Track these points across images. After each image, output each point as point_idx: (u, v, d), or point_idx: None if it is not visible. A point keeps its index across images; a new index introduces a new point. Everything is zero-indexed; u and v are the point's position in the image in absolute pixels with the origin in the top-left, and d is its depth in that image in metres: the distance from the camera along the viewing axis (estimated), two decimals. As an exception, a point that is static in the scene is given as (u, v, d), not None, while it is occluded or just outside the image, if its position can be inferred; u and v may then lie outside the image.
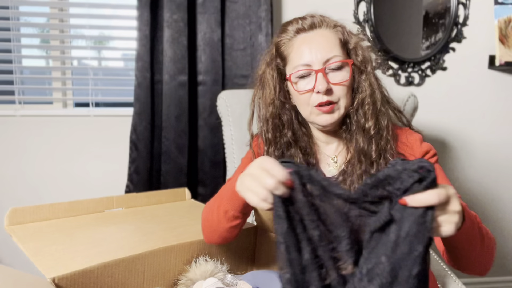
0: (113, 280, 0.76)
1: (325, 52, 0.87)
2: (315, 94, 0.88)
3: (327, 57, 0.87)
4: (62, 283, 0.69)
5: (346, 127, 0.95)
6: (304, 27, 0.91)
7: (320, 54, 0.87)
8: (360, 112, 0.91)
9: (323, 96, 0.87)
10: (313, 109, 0.90)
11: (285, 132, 0.95)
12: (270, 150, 0.95)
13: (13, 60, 1.71)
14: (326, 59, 0.87)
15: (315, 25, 0.91)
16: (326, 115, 0.89)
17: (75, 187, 1.74)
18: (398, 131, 0.97)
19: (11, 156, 1.70)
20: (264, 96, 0.97)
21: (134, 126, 1.59)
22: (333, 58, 0.88)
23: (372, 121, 0.90)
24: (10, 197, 1.71)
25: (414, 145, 0.93)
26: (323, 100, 0.87)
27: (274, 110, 0.95)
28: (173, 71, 1.57)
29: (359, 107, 0.92)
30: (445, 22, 1.80)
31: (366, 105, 0.91)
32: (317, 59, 0.87)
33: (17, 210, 0.94)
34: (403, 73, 1.82)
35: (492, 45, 1.82)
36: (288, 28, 0.93)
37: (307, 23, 0.91)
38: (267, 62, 0.98)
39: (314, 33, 0.90)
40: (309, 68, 0.88)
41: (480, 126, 1.91)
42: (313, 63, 0.88)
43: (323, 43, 0.88)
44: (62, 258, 0.76)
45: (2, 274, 0.62)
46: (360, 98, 0.91)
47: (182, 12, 1.55)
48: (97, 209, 1.06)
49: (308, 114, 0.92)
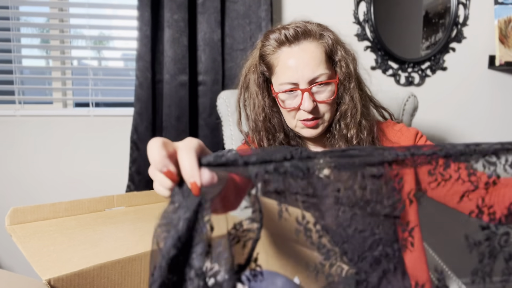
0: (109, 281, 0.76)
1: (311, 71, 0.87)
2: (302, 110, 0.90)
3: (313, 76, 0.87)
4: (58, 284, 0.69)
5: (330, 135, 0.97)
6: (288, 39, 0.89)
7: (307, 73, 0.87)
8: (342, 122, 0.94)
9: (308, 113, 0.90)
10: (298, 123, 0.93)
11: (278, 135, 0.98)
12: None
13: (13, 60, 1.71)
14: (312, 78, 0.87)
15: (299, 36, 0.88)
16: (311, 130, 0.92)
17: (75, 187, 1.74)
18: (381, 125, 1.00)
19: (11, 156, 1.70)
20: (251, 101, 0.98)
21: (135, 126, 1.59)
22: (319, 77, 0.88)
23: (354, 130, 0.92)
24: (10, 197, 1.71)
25: (403, 130, 0.97)
26: (308, 117, 0.90)
27: (264, 115, 0.96)
28: (173, 71, 1.57)
29: (341, 117, 0.94)
30: (445, 22, 1.80)
31: (348, 118, 0.93)
32: (303, 78, 0.87)
33: (18, 209, 0.94)
34: (403, 73, 1.82)
35: (492, 45, 1.82)
36: (270, 37, 0.92)
37: (290, 34, 0.88)
38: (252, 68, 0.98)
39: (299, 48, 0.88)
40: (295, 87, 0.89)
41: (480, 126, 1.91)
42: (299, 82, 0.88)
43: (308, 60, 0.87)
44: (59, 259, 0.76)
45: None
46: (342, 110, 0.94)
47: (182, 12, 1.55)
48: (98, 208, 1.06)
49: (293, 126, 0.95)
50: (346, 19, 1.75)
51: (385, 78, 1.82)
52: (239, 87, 1.03)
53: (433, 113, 1.87)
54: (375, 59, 1.79)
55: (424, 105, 1.78)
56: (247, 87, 1.00)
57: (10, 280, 0.62)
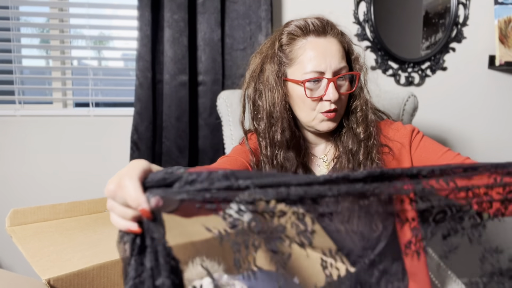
0: (109, 281, 0.76)
1: (337, 62, 0.90)
2: (325, 101, 0.90)
3: (339, 67, 0.90)
4: (58, 284, 0.69)
5: (336, 130, 0.98)
6: (316, 30, 0.90)
7: (334, 63, 0.89)
8: (352, 117, 0.96)
9: (331, 104, 0.90)
10: (318, 115, 0.92)
11: (285, 134, 0.94)
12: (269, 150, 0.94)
13: (13, 60, 1.71)
14: (338, 69, 0.90)
15: (326, 30, 0.91)
16: (329, 122, 0.93)
17: (75, 187, 1.74)
18: (379, 124, 1.01)
19: (11, 156, 1.70)
20: (268, 92, 0.93)
21: (135, 126, 1.59)
22: (343, 69, 0.91)
23: (362, 127, 0.94)
24: (10, 197, 1.71)
25: (400, 128, 0.98)
26: (331, 108, 0.90)
27: (277, 111, 0.92)
28: (173, 71, 1.57)
29: (351, 112, 0.96)
30: (445, 22, 1.80)
31: (359, 112, 0.95)
32: (330, 68, 0.89)
33: (18, 211, 0.94)
34: (403, 73, 1.82)
35: (492, 45, 1.82)
36: (296, 27, 0.91)
37: (318, 26, 0.90)
38: (269, 59, 0.94)
39: (326, 41, 0.90)
40: (322, 75, 0.89)
41: (480, 126, 1.91)
42: (326, 71, 0.89)
43: (335, 52, 0.90)
44: (59, 259, 0.76)
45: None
46: (354, 105, 0.96)
47: (182, 12, 1.55)
48: (98, 209, 1.06)
49: (310, 120, 0.93)
50: (346, 19, 1.75)
51: (385, 78, 1.82)
52: (246, 80, 1.00)
53: (433, 113, 1.87)
54: (375, 59, 1.79)
55: (424, 105, 1.78)
56: (260, 78, 0.96)
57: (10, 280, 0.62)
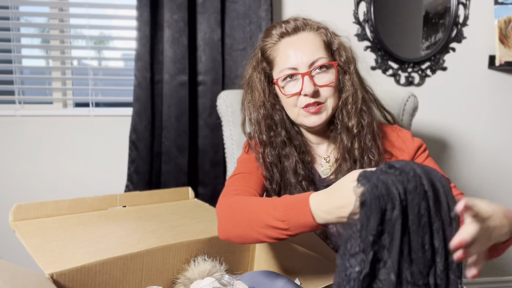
0: (111, 277, 0.77)
1: (310, 54, 0.89)
2: (302, 96, 0.90)
3: (312, 59, 0.89)
4: (60, 279, 0.69)
5: (333, 126, 0.98)
6: (288, 31, 0.93)
7: (306, 57, 0.89)
8: (343, 111, 0.95)
9: (310, 98, 0.90)
10: (300, 111, 0.92)
11: (279, 131, 0.97)
12: (266, 151, 0.96)
13: (13, 60, 1.71)
14: (312, 62, 0.90)
15: (298, 28, 0.93)
16: (314, 116, 0.92)
17: (75, 187, 1.74)
18: (387, 129, 1.00)
19: (11, 156, 1.70)
20: (253, 99, 0.98)
21: (133, 126, 1.59)
22: (318, 60, 0.90)
23: (354, 120, 0.93)
24: (10, 197, 1.71)
25: (407, 140, 0.97)
26: (310, 101, 0.90)
27: (265, 112, 0.96)
28: (173, 71, 1.57)
29: (343, 106, 0.95)
30: (445, 22, 1.81)
31: (349, 104, 0.94)
32: (303, 62, 0.89)
33: (22, 206, 0.95)
34: (403, 73, 1.83)
35: (492, 45, 1.82)
36: (272, 32, 0.95)
37: (290, 26, 0.93)
38: (254, 66, 1.00)
39: (298, 37, 0.92)
40: (295, 71, 0.90)
41: (480, 126, 1.91)
42: (299, 66, 0.90)
43: (307, 45, 0.90)
44: (62, 255, 0.76)
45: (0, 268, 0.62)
46: (343, 98, 0.95)
47: (182, 12, 1.55)
48: (100, 207, 1.07)
49: (296, 116, 0.94)
50: (346, 19, 1.75)
51: (385, 78, 1.82)
52: (244, 88, 1.04)
53: (433, 113, 1.88)
54: (375, 59, 1.79)
55: (424, 105, 1.78)
56: (249, 86, 1.01)
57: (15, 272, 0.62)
